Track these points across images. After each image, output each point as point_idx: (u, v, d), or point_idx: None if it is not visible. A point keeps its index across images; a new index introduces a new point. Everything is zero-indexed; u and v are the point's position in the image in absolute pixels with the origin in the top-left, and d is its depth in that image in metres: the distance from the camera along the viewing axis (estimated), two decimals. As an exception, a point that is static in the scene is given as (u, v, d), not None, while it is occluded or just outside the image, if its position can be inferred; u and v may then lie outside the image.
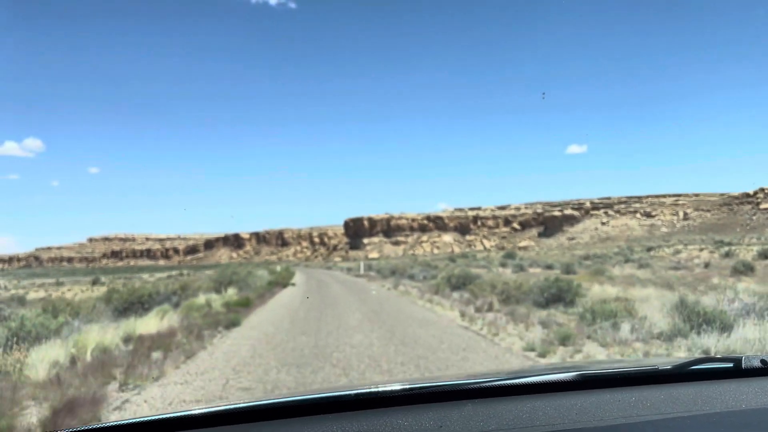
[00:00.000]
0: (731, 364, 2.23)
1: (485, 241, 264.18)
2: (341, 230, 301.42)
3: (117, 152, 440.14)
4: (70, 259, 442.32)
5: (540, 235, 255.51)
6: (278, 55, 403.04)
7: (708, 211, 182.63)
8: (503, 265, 63.13)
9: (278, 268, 74.16)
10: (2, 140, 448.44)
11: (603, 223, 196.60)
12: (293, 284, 41.71)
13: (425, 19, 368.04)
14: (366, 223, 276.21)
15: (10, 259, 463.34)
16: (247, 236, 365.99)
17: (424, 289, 29.21)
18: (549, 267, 46.36)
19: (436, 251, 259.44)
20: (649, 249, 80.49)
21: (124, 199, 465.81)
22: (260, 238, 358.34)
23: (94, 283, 68.31)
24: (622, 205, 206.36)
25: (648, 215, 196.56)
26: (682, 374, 2.22)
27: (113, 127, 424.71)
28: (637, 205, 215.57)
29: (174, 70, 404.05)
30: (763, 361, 2.21)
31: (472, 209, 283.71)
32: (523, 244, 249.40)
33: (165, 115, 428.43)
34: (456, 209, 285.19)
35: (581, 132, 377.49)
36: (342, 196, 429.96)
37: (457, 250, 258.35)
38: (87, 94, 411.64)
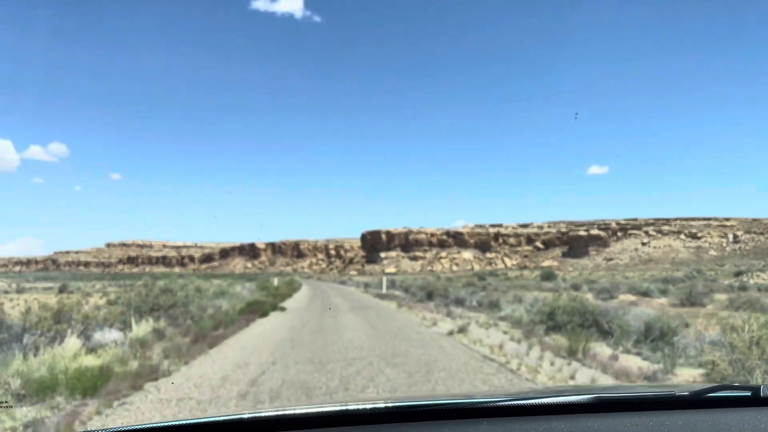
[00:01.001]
0: (749, 393, 2.16)
1: (506, 259, 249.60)
2: (358, 243, 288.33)
3: (139, 159, 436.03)
4: (87, 264, 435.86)
5: (564, 255, 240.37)
6: (301, 68, 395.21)
7: (761, 233, 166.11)
8: (555, 287, 49.89)
9: (275, 281, 60.83)
10: (28, 144, 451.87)
11: (644, 244, 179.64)
12: (282, 309, 27.58)
13: (448, 35, 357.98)
14: (384, 236, 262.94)
15: (29, 262, 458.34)
16: (262, 246, 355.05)
17: (514, 333, 16.08)
18: (645, 293, 32.92)
19: (455, 268, 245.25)
20: (738, 273, 66.51)
21: (144, 205, 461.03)
22: (276, 248, 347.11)
23: (61, 290, 55.90)
24: (666, 226, 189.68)
25: (694, 237, 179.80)
26: (699, 401, 2.15)
27: (136, 134, 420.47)
28: (667, 226, 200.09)
29: (198, 80, 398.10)
30: None
31: (493, 226, 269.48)
32: (546, 263, 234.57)
33: (187, 124, 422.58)
34: (476, 225, 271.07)
35: (603, 152, 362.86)
36: (359, 210, 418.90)
37: (477, 267, 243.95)
38: (112, 101, 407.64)
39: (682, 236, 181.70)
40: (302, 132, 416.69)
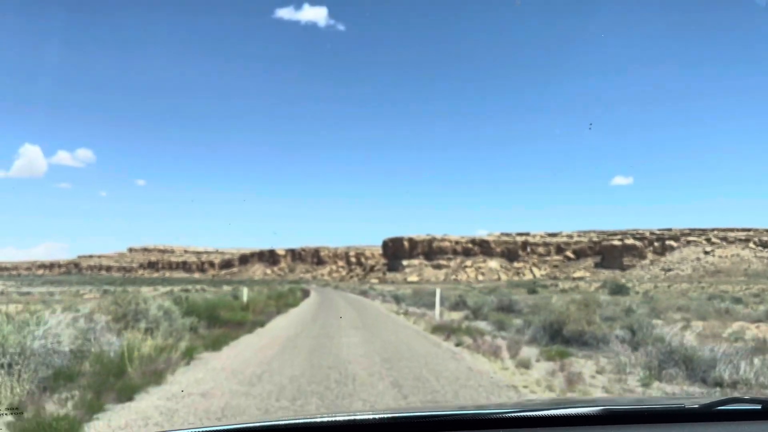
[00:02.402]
0: (759, 406, 2.11)
1: (535, 269, 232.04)
2: (379, 251, 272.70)
3: (163, 166, 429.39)
4: (108, 268, 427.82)
5: (597, 265, 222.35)
6: (323, 75, 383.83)
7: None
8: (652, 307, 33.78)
9: (245, 293, 44.24)
10: (56, 150, 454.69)
11: (707, 253, 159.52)
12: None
13: (474, 43, 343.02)
14: (406, 243, 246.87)
15: (51, 265, 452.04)
16: (282, 252, 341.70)
17: None
18: None
19: (480, 278, 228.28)
20: None
21: (167, 211, 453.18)
22: (296, 255, 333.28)
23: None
24: (733, 233, 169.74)
25: (766, 246, 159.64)
26: (709, 413, 2.10)
27: (160, 141, 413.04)
28: (733, 234, 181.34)
29: (221, 87, 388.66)
30: None
31: (520, 234, 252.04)
32: (578, 274, 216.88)
33: (210, 131, 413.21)
34: (502, 234, 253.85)
35: (627, 163, 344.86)
36: (380, 217, 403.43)
37: (504, 277, 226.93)
38: (138, 108, 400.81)
39: (752, 245, 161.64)
40: (324, 139, 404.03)
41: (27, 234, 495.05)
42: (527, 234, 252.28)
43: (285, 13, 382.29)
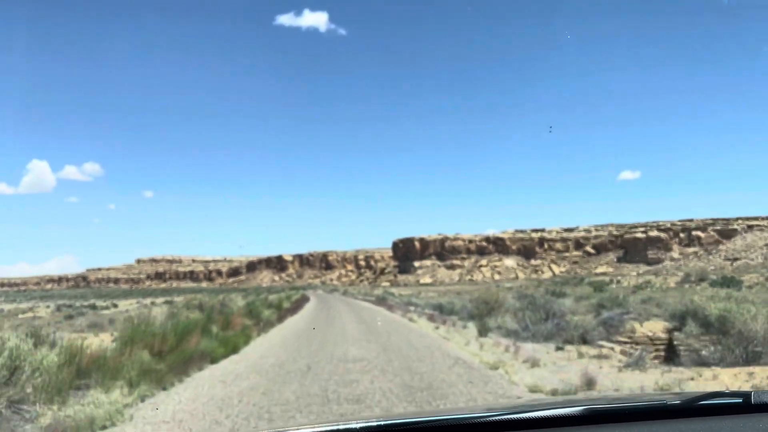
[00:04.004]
0: (740, 400, 2.07)
1: (554, 266, 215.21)
2: (389, 253, 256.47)
3: (171, 176, 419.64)
4: (116, 280, 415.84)
5: (620, 260, 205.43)
6: (327, 79, 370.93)
7: None
8: None
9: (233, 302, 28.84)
10: (63, 164, 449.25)
11: None
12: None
13: (478, 40, 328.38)
14: (417, 244, 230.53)
15: (60, 279, 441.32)
16: (290, 258, 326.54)
17: None
18: None
19: (497, 277, 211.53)
20: None
21: (175, 221, 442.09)
22: (304, 260, 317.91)
23: None
24: None
25: None
26: (691, 409, 2.07)
27: (167, 151, 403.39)
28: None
29: (225, 95, 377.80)
30: None
31: (535, 231, 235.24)
32: (600, 270, 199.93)
33: (215, 138, 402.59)
34: (517, 231, 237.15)
35: (635, 158, 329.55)
36: (389, 220, 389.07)
37: (521, 275, 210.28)
38: (144, 119, 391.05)
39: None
40: (329, 142, 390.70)
41: (38, 249, 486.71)
42: (543, 230, 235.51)
43: (286, 19, 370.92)
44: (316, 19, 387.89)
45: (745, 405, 2.00)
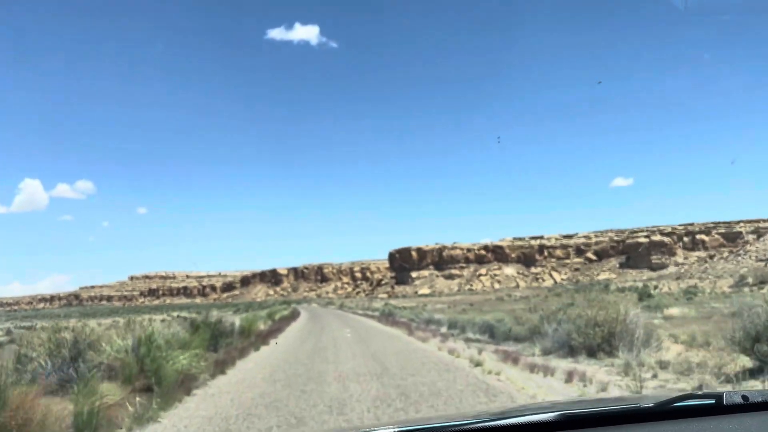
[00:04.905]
0: (713, 401, 2.08)
1: (554, 274, 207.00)
2: (385, 264, 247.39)
3: (164, 192, 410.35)
4: (109, 298, 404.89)
5: (622, 265, 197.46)
6: (319, 92, 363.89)
7: None
8: None
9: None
10: (55, 183, 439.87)
11: None
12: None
13: (469, 52, 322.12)
14: (414, 254, 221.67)
15: (52, 298, 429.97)
16: (284, 272, 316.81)
17: None
18: None
19: (497, 286, 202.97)
20: None
21: (169, 237, 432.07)
22: (298, 273, 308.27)
23: None
24: None
25: None
26: (664, 411, 2.07)
27: (159, 167, 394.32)
28: None
29: (217, 110, 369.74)
30: (744, 396, 2.08)
31: (534, 238, 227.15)
32: (603, 276, 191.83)
33: (208, 153, 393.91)
34: (515, 238, 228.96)
35: (627, 164, 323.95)
36: (384, 231, 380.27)
37: (522, 284, 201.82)
38: (135, 136, 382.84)
39: None
40: (322, 154, 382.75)
41: (32, 269, 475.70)
42: (542, 237, 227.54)
43: (277, 33, 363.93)
44: (307, 33, 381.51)
45: (717, 406, 2.01)
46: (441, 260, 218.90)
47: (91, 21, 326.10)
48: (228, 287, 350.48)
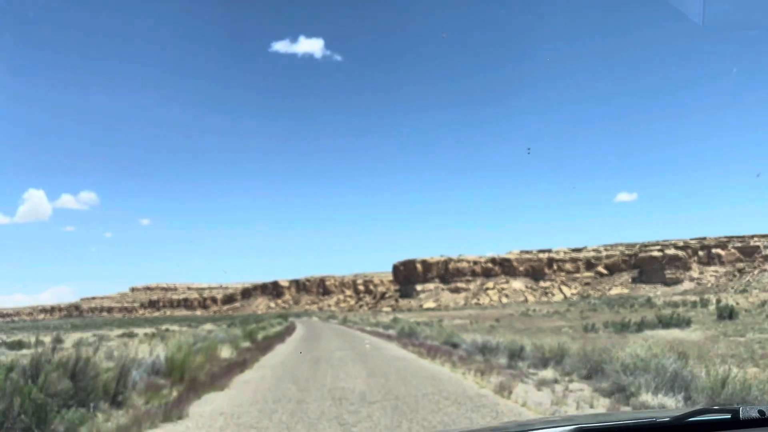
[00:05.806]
0: (729, 415, 2.05)
1: (564, 288, 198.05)
2: (389, 277, 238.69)
3: (167, 204, 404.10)
4: (110, 309, 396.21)
5: (635, 280, 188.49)
6: (322, 106, 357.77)
7: None
8: None
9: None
10: (59, 193, 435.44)
11: None
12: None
13: (476, 64, 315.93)
14: (419, 266, 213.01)
15: (52, 309, 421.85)
16: (286, 284, 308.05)
17: None
18: None
19: (504, 300, 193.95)
20: None
21: (172, 249, 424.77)
22: (300, 286, 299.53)
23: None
24: None
25: None
26: (680, 426, 2.04)
27: (162, 179, 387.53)
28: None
29: (220, 123, 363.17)
30: (761, 411, 2.04)
31: (542, 251, 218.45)
32: (615, 291, 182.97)
33: (212, 165, 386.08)
34: (523, 251, 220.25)
35: (631, 179, 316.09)
36: (388, 243, 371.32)
37: (531, 298, 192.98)
38: (139, 147, 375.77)
39: None
40: (326, 167, 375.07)
41: (34, 279, 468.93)
42: (550, 251, 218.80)
43: (281, 46, 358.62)
44: (311, 46, 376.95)
45: (733, 420, 1.96)
46: (447, 273, 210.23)
47: (97, 35, 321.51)
48: (229, 299, 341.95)
